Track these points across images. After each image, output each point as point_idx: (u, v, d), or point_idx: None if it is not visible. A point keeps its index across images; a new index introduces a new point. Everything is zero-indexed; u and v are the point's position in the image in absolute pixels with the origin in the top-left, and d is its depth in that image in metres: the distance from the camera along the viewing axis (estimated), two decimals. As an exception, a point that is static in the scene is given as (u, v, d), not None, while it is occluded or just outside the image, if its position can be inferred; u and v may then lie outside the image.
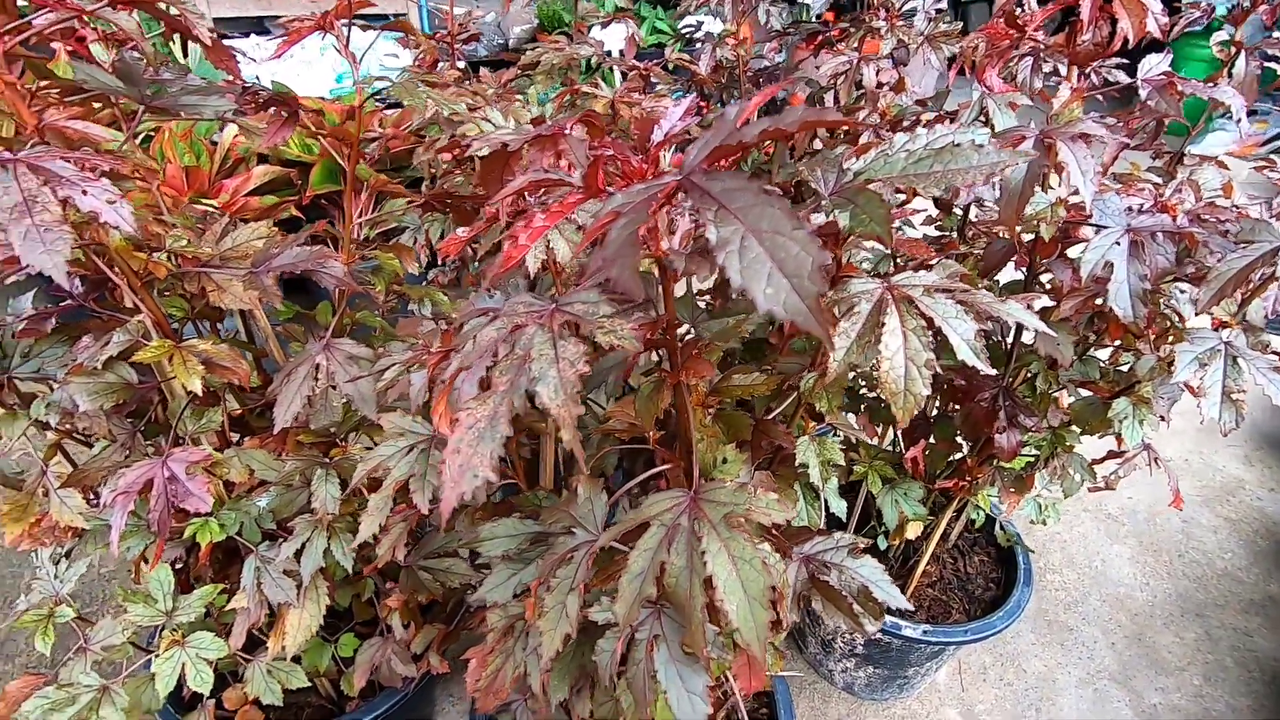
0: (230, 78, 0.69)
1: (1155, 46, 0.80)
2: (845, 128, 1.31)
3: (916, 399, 0.47)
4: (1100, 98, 0.90)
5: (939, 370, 0.50)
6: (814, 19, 1.44)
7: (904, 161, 0.39)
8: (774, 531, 0.52)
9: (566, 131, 0.40)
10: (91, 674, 0.73)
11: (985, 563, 1.37)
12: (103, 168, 0.53)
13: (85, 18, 0.66)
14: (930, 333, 0.47)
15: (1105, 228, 0.66)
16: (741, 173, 0.32)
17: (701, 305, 0.93)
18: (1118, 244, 0.64)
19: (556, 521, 0.54)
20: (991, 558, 1.38)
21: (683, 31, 1.72)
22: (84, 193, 0.51)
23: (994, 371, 0.47)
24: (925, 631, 1.17)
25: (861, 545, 0.58)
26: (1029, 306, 0.56)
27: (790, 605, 0.53)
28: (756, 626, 0.36)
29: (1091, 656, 1.50)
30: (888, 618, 1.19)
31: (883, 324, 0.47)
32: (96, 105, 0.78)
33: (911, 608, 0.57)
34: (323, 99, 2.51)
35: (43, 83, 0.71)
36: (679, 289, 0.98)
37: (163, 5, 0.61)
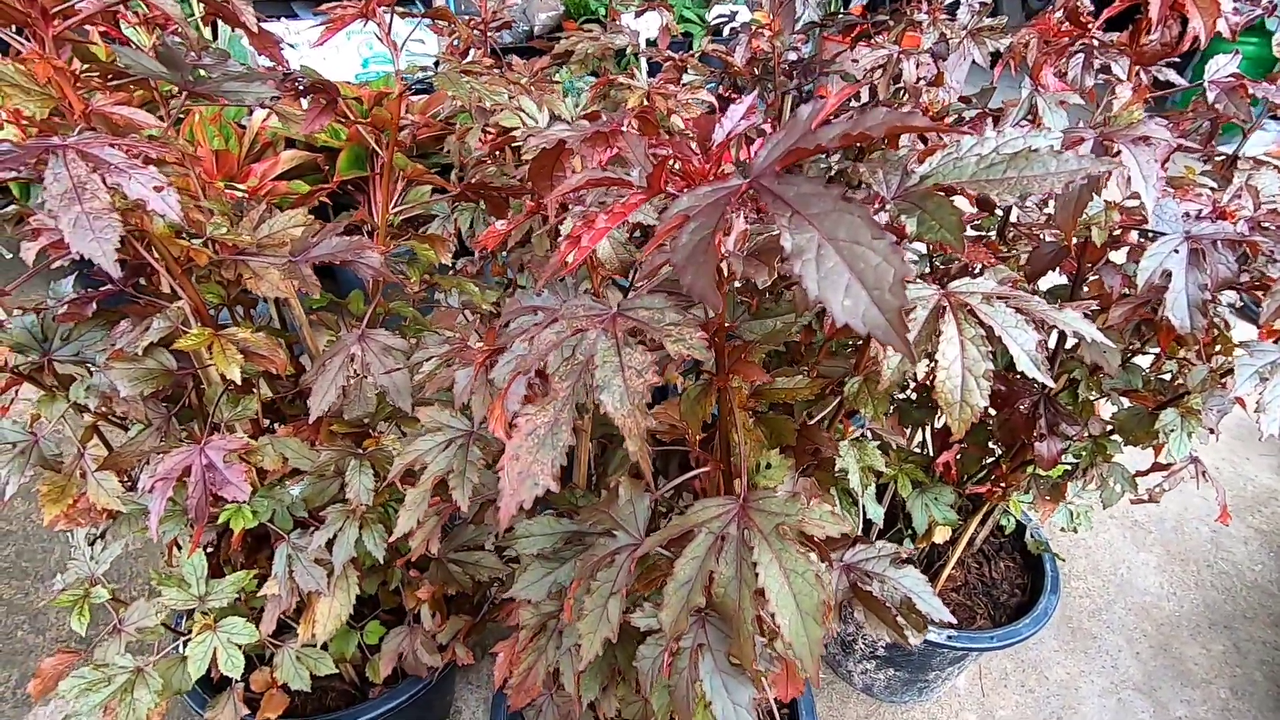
0: (273, 64, 0.69)
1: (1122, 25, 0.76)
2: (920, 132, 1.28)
3: (974, 410, 0.46)
4: (1149, 97, 0.87)
5: (993, 371, 0.49)
6: (843, 11, 1.42)
7: (974, 166, 0.37)
8: (816, 540, 0.51)
9: (623, 129, 0.39)
10: (126, 655, 0.73)
11: (1011, 568, 1.35)
12: (150, 154, 0.53)
13: (129, 1, 0.66)
14: (988, 342, 0.45)
15: (1162, 234, 0.64)
16: (817, 177, 0.31)
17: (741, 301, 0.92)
18: (1176, 251, 0.62)
19: (596, 522, 0.53)
20: (1018, 564, 1.36)
21: (715, 22, 1.69)
22: (132, 180, 0.51)
23: (1053, 384, 0.46)
24: (950, 636, 1.16)
25: (904, 554, 0.57)
26: (1086, 315, 0.54)
27: (833, 615, 0.52)
28: (810, 642, 0.35)
29: (1115, 666, 1.48)
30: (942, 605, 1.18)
31: (940, 332, 0.46)
32: (134, 89, 0.78)
33: (954, 621, 0.55)
34: (349, 83, 2.52)
35: (86, 66, 0.71)
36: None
37: (209, -10, 0.60)
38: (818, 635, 0.36)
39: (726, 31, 1.68)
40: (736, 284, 0.64)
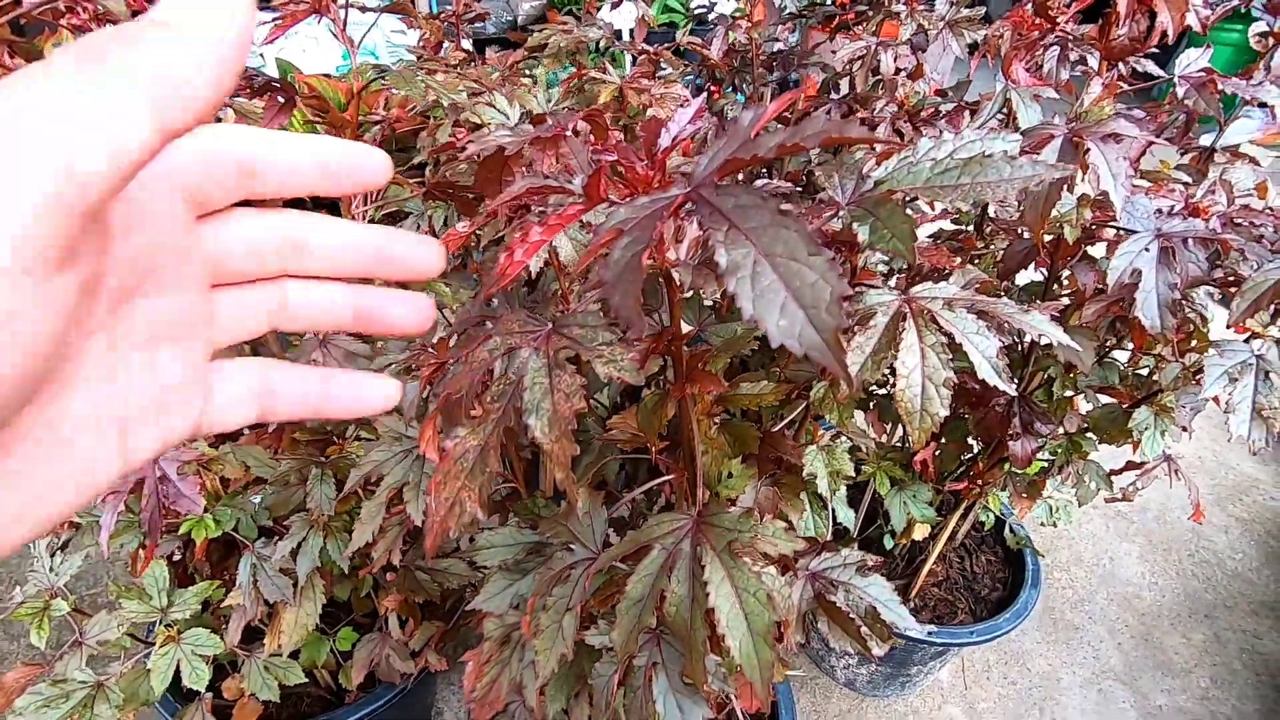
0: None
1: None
2: (858, 119, 1.27)
3: (934, 419, 0.45)
4: (1128, 90, 0.86)
5: (955, 380, 0.48)
6: (829, 2, 1.40)
7: (929, 171, 0.36)
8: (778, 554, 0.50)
9: (567, 133, 0.37)
10: (86, 670, 0.72)
11: (992, 563, 1.35)
12: None
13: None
14: (950, 350, 0.44)
15: (1133, 232, 0.63)
16: (756, 188, 0.29)
17: (709, 303, 0.91)
18: (1146, 250, 0.61)
19: (555, 535, 0.52)
20: (999, 557, 1.36)
21: (695, 11, 1.67)
22: None
23: (1014, 392, 0.45)
24: (931, 632, 1.16)
25: (870, 562, 0.56)
26: (1055, 316, 0.53)
27: (795, 626, 0.51)
28: (760, 665, 0.34)
29: (1097, 656, 1.49)
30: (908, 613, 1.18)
31: (900, 340, 0.45)
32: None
33: (922, 632, 0.55)
34: (329, 76, 2.47)
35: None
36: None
37: (150, -13, 0.58)
38: (769, 658, 0.34)
39: (712, 18, 1.66)
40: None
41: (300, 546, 0.73)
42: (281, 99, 0.76)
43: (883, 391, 1.11)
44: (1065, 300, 0.79)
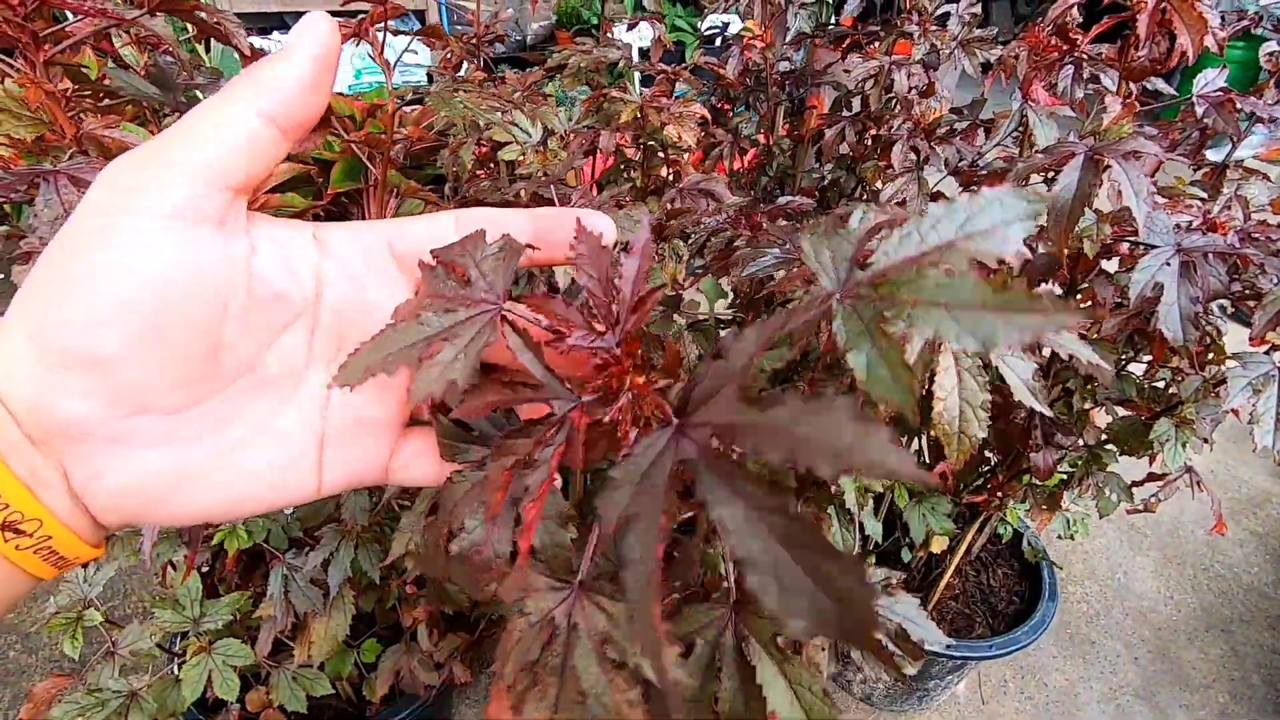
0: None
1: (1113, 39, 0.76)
2: (871, 136, 1.29)
3: (972, 440, 0.46)
4: (1140, 109, 0.88)
5: (990, 402, 0.49)
6: (834, 22, 1.43)
7: (934, 280, 0.22)
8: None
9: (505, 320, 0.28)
10: (120, 680, 0.73)
11: (1009, 576, 1.35)
12: None
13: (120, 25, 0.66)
14: (984, 371, 0.46)
15: (1154, 247, 0.64)
16: (762, 477, 0.20)
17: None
18: (1168, 264, 0.62)
19: None
20: (1015, 571, 1.36)
21: (707, 32, 1.70)
22: None
23: (1050, 412, 0.46)
24: (949, 645, 1.16)
25: (896, 580, 0.56)
26: (1083, 335, 0.54)
27: (829, 657, 0.51)
28: None
29: (1114, 671, 1.48)
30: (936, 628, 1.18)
31: (936, 361, 0.46)
32: (126, 108, 0.78)
33: (941, 645, 0.55)
34: (342, 95, 2.52)
35: (76, 87, 0.71)
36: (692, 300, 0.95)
37: (201, 14, 0.60)
38: None
39: (719, 42, 1.69)
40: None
41: (332, 557, 0.74)
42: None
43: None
44: (1088, 323, 0.80)
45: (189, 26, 0.88)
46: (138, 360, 0.22)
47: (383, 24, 0.70)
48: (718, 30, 1.75)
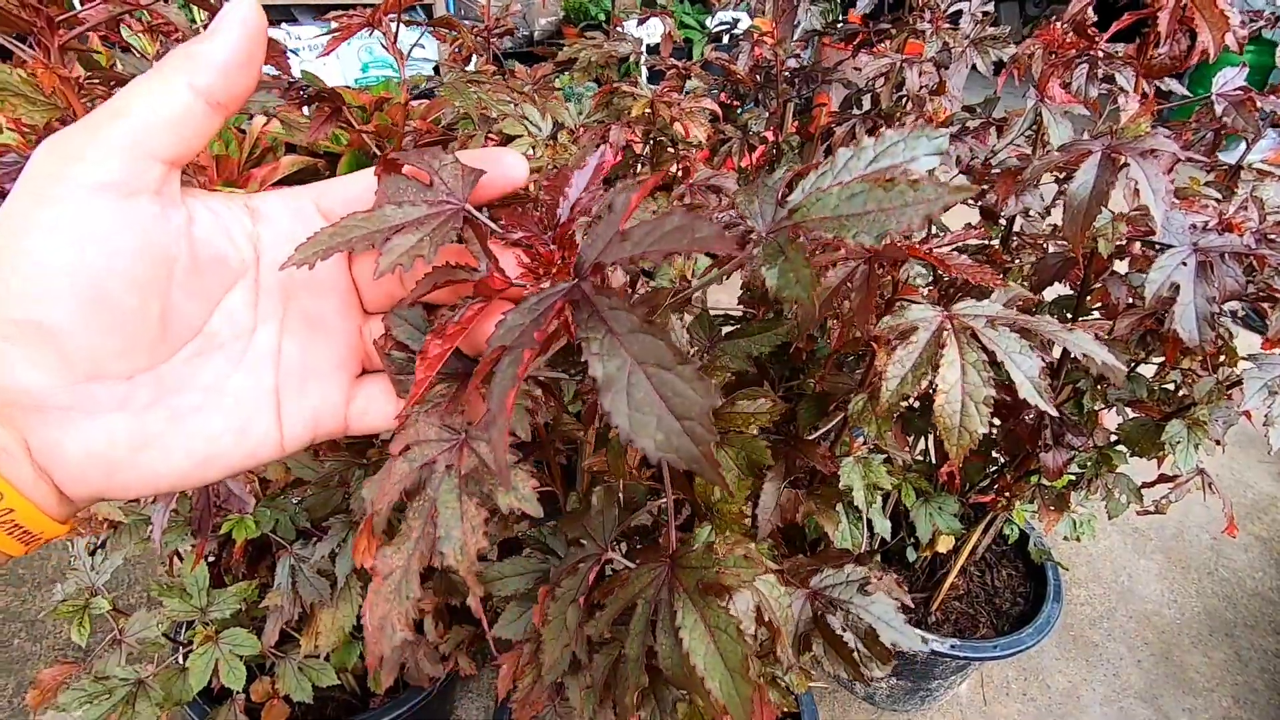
0: (278, 72, 0.68)
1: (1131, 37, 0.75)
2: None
3: (973, 436, 0.46)
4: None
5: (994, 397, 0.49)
6: (841, 20, 1.42)
7: (836, 196, 0.27)
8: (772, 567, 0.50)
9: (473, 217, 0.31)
10: (127, 668, 0.73)
11: (1014, 576, 1.35)
12: None
13: (134, 11, 0.66)
14: (990, 367, 0.45)
15: (1170, 247, 0.64)
16: (624, 294, 0.25)
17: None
18: (1184, 264, 0.62)
19: (571, 531, 0.54)
20: (1020, 572, 1.36)
21: (716, 29, 1.69)
22: None
23: (1055, 411, 0.46)
24: (953, 646, 1.15)
25: (875, 577, 0.56)
26: (1099, 335, 0.54)
27: (791, 644, 0.51)
28: (742, 700, 0.33)
29: (1117, 674, 1.48)
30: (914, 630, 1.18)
31: (940, 355, 0.46)
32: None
33: (945, 646, 0.55)
34: (349, 88, 2.52)
35: (89, 74, 0.71)
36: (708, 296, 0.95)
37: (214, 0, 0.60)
38: (747, 692, 0.33)
39: (726, 39, 1.68)
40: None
41: (340, 548, 0.74)
42: (328, 109, 0.78)
43: (904, 404, 1.11)
44: (1096, 315, 0.80)
45: (197, 15, 0.88)
46: (84, 327, 0.23)
47: (396, 14, 0.70)
48: (727, 27, 1.74)
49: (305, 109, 0.73)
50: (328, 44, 0.64)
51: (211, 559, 0.90)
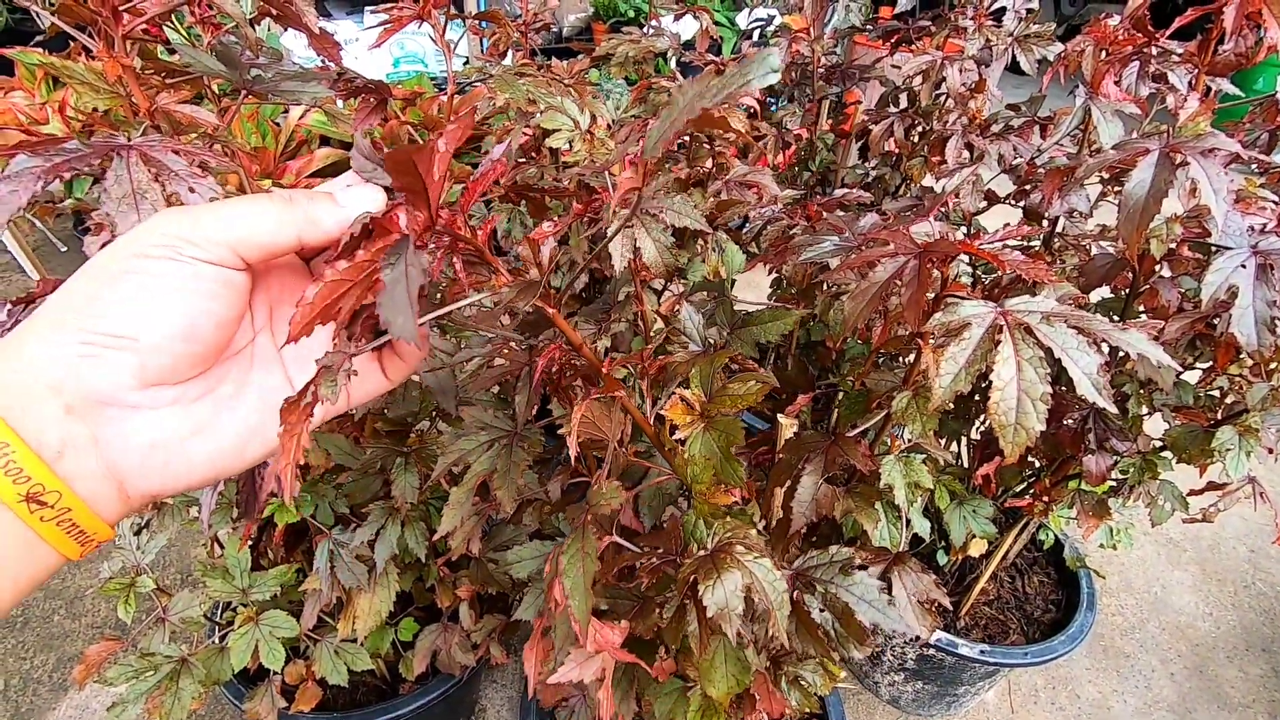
0: (326, 64, 0.69)
1: (1185, 35, 0.73)
2: (919, 133, 1.27)
3: (1029, 433, 0.45)
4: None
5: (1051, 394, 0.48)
6: (872, 17, 1.40)
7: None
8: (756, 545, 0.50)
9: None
10: (172, 645, 0.74)
11: (1045, 584, 1.33)
12: (210, 163, 0.53)
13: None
14: (1047, 365, 0.44)
15: (1228, 249, 0.62)
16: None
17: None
18: (1243, 267, 0.60)
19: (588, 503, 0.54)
20: (1052, 579, 1.34)
21: (750, 26, 1.68)
22: (191, 189, 0.52)
23: (1114, 408, 0.45)
24: (983, 651, 1.14)
25: (858, 561, 0.55)
26: (1155, 336, 0.53)
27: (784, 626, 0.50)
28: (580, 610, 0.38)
29: (1149, 686, 1.45)
30: (943, 634, 1.17)
31: (995, 352, 0.45)
32: (187, 86, 0.79)
33: (980, 650, 0.54)
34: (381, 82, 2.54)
35: (144, 64, 0.72)
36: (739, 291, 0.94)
37: (272, -8, 0.61)
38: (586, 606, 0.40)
39: (756, 36, 1.67)
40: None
41: (379, 534, 0.75)
42: (374, 101, 0.79)
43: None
44: (1144, 317, 0.78)
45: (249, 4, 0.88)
46: (169, 349, 0.29)
47: (445, 8, 0.70)
48: (760, 24, 1.73)
49: (346, 101, 0.74)
50: (379, 36, 0.65)
51: (250, 543, 0.91)
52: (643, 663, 0.54)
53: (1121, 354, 0.88)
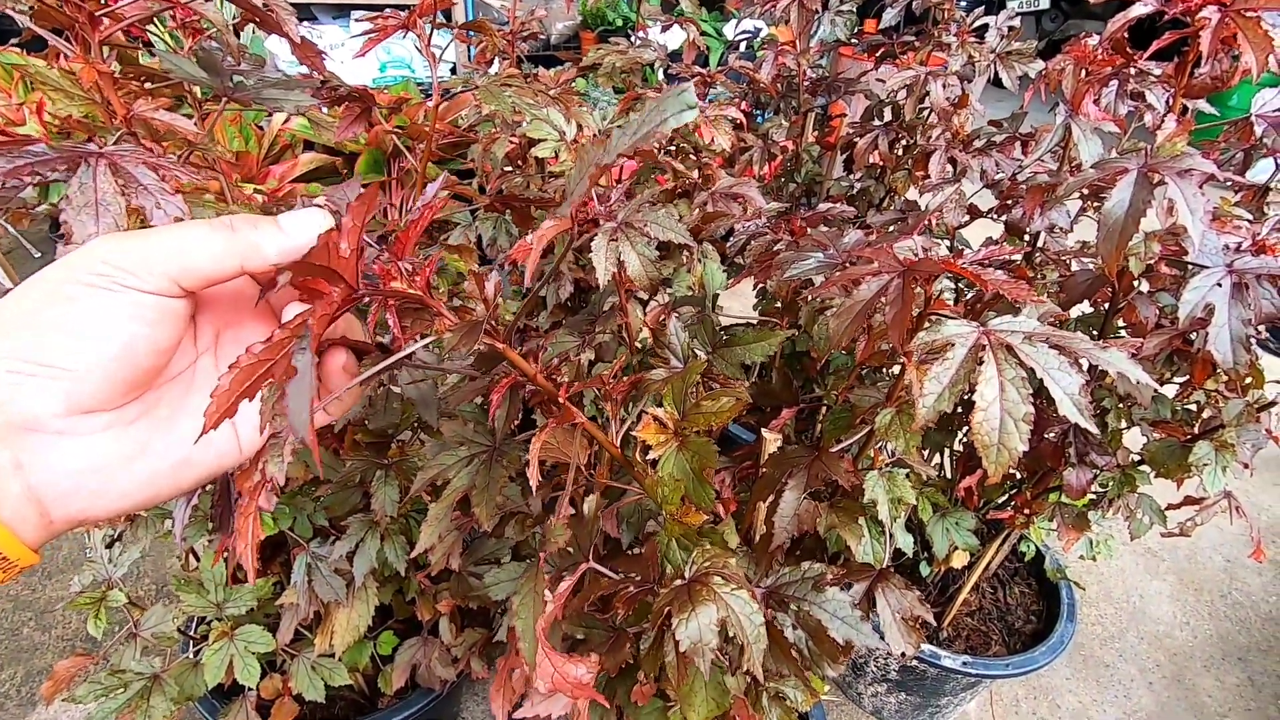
0: (310, 71, 0.69)
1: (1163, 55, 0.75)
2: (903, 146, 1.28)
3: (1012, 454, 0.45)
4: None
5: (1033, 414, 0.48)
6: (857, 31, 1.42)
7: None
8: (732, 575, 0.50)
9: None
10: (143, 662, 0.73)
11: (1026, 594, 1.34)
12: (184, 180, 0.52)
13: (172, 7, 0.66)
14: (1030, 384, 0.45)
15: (1204, 268, 0.63)
16: None
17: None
18: (1219, 285, 0.61)
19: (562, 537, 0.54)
20: (1033, 590, 1.35)
21: (737, 38, 1.69)
22: (157, 206, 0.50)
23: (1095, 429, 0.45)
24: (965, 663, 1.14)
25: (830, 576, 0.55)
26: (1134, 354, 0.53)
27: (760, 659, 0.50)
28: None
29: (1128, 695, 1.46)
30: (926, 646, 1.17)
31: (979, 372, 0.45)
32: (166, 92, 0.78)
33: (962, 662, 0.54)
34: (367, 88, 2.53)
35: (123, 70, 0.71)
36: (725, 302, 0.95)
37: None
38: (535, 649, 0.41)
39: (743, 47, 1.68)
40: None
41: (358, 548, 0.74)
42: (358, 109, 0.79)
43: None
44: (1123, 333, 0.79)
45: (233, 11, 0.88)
46: (101, 378, 0.28)
47: (431, 17, 0.70)
48: (748, 36, 1.74)
49: (323, 109, 0.73)
50: (364, 45, 0.64)
51: (225, 555, 0.90)
52: (607, 700, 0.54)
53: (1101, 369, 0.89)
